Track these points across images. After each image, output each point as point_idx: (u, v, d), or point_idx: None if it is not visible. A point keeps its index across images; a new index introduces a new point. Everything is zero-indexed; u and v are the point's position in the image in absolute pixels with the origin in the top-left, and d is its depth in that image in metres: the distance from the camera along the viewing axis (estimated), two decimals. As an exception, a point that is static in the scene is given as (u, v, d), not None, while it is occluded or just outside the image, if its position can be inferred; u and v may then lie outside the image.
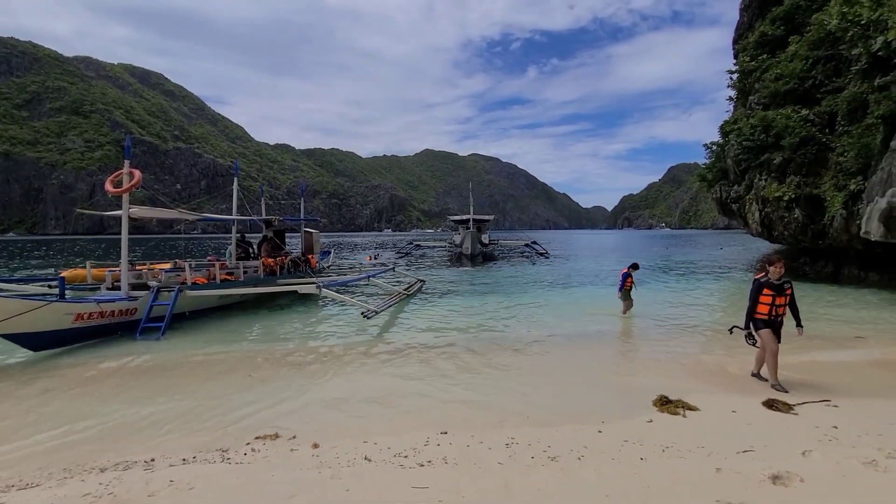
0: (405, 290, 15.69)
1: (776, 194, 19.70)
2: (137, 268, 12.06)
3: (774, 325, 6.20)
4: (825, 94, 19.33)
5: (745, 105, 24.57)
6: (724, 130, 24.04)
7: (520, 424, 4.78)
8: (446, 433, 4.49)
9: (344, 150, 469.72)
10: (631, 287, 11.82)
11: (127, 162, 9.94)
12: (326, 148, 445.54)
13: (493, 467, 3.74)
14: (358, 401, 5.75)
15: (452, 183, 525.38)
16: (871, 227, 13.82)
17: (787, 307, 6.23)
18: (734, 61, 27.03)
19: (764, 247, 41.95)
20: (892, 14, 13.20)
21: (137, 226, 16.46)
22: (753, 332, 6.29)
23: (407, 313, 12.74)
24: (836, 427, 4.72)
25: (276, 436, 4.49)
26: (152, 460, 3.98)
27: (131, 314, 9.88)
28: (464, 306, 13.94)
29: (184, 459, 3.97)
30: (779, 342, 6.21)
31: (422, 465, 3.76)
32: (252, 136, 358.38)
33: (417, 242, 46.61)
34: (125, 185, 9.70)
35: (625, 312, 11.85)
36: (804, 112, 19.37)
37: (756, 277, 6.29)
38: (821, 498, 3.32)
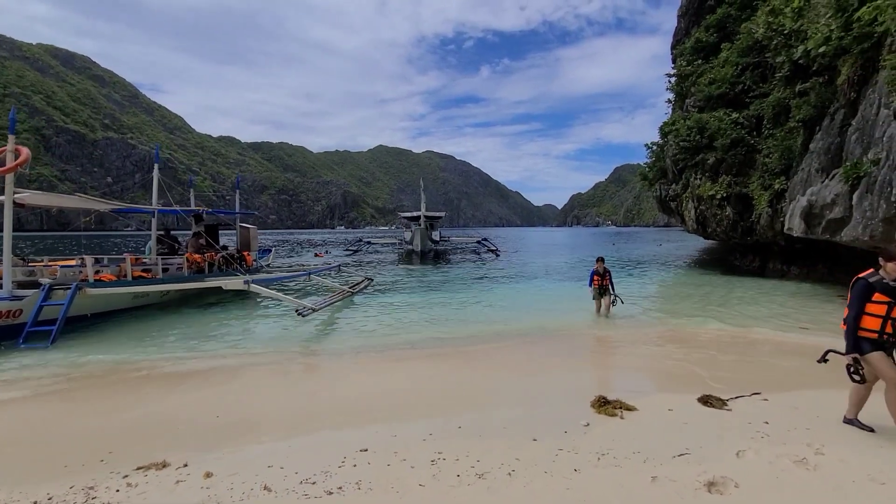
0: (350, 288, 15.00)
1: (710, 193, 20.68)
2: (32, 264, 10.54)
3: (886, 348, 4.06)
4: (753, 98, 20.48)
5: (682, 107, 25.69)
6: (664, 131, 25.02)
7: (450, 436, 4.38)
8: (366, 450, 4.01)
9: (294, 144, 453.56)
10: (599, 285, 11.02)
11: (12, 137, 8.63)
12: (275, 142, 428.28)
13: (412, 490, 3.31)
14: (273, 416, 5.14)
15: (407, 180, 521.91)
16: (794, 224, 14.68)
17: None
18: (672, 65, 28.21)
19: (699, 243, 44.49)
20: (811, 25, 14.01)
21: (62, 222, 14.81)
22: (860, 359, 4.09)
23: (349, 313, 12.11)
24: (767, 423, 4.69)
25: (164, 464, 3.81)
26: (-8, 506, 3.22)
27: (15, 317, 8.52)
28: (409, 305, 13.49)
29: (35, 503, 3.24)
30: None
31: (330, 493, 3.26)
32: (193, 126, 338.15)
33: (367, 239, 45.52)
34: (8, 165, 8.40)
35: (598, 312, 11.13)
36: (735, 115, 20.44)
37: (860, 276, 4.22)
38: (755, 504, 3.16)
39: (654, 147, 27.80)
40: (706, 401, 5.39)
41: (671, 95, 28.47)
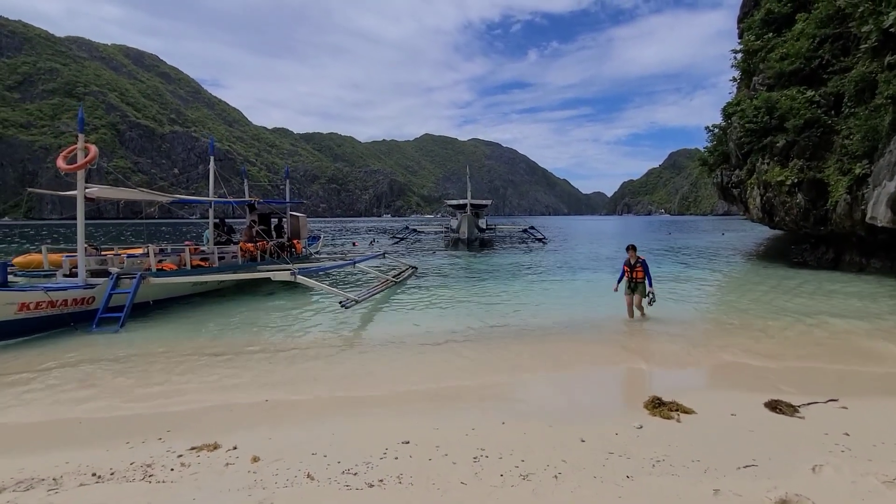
0: (395, 277, 15.12)
1: (778, 178, 19.06)
2: (104, 253, 11.34)
3: None
4: (832, 74, 18.55)
5: (748, 86, 23.73)
6: (727, 112, 23.29)
7: (493, 432, 4.26)
8: (408, 443, 3.97)
9: (343, 134, 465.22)
10: (630, 278, 9.33)
11: (81, 136, 9.19)
12: (325, 132, 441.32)
13: (453, 488, 3.22)
14: (318, 404, 5.23)
15: (452, 168, 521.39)
16: (878, 213, 13.24)
17: None
18: (739, 40, 26.06)
19: (764, 233, 41.46)
20: (908, -14, 12.42)
21: (136, 210, 16.07)
22: None
23: (393, 302, 12.20)
24: (847, 434, 4.23)
25: (216, 446, 3.96)
26: (62, 478, 3.45)
27: (88, 303, 9.17)
28: (454, 295, 13.41)
29: (99, 477, 3.44)
30: None
31: (371, 486, 3.24)
32: (250, 119, 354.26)
33: (413, 227, 45.86)
34: (80, 162, 8.98)
35: (630, 314, 9.57)
36: (810, 93, 18.61)
37: None
38: (836, 529, 2.82)
39: (716, 130, 25.95)
40: (774, 406, 4.94)
41: (736, 73, 26.35)
